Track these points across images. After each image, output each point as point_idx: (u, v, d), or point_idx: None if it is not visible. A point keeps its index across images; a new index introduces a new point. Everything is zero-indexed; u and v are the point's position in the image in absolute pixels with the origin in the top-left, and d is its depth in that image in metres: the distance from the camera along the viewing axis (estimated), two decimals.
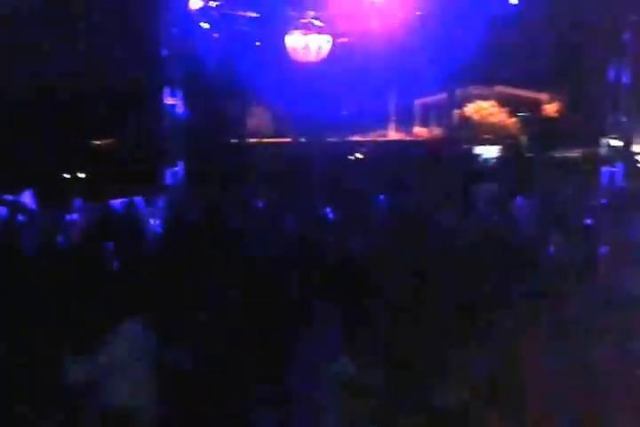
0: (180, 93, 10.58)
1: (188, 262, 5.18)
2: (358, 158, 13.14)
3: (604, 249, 6.56)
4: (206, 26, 11.52)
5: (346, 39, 12.08)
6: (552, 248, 6.71)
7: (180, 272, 4.86)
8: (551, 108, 13.06)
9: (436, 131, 13.72)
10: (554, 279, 5.22)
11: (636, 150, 11.16)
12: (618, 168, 10.42)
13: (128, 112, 11.35)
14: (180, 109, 10.68)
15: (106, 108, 11.08)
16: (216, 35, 11.69)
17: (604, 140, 10.87)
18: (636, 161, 10.92)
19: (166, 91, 10.48)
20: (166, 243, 7.24)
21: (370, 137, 14.12)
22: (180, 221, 8.01)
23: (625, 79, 10.24)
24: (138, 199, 8.83)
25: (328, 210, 8.50)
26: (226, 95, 12.22)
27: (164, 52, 10.22)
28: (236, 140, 12.70)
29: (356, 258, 6.12)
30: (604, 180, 10.44)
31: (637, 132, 11.15)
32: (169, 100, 10.71)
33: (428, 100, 14.14)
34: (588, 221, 8.09)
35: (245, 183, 10.55)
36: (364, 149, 13.37)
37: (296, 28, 11.29)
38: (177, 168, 10.77)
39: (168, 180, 10.69)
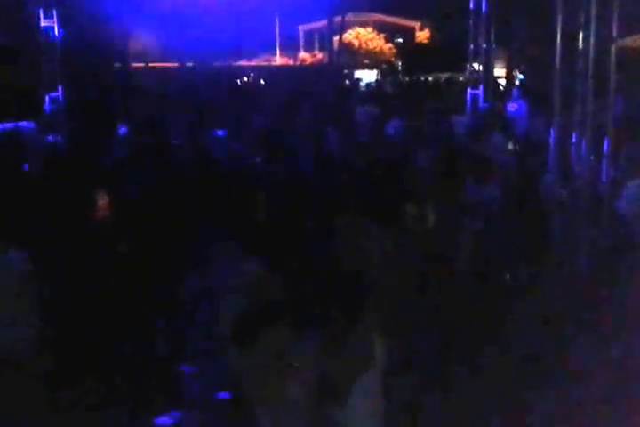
0: (55, 14, 10.21)
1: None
2: (246, 83, 13.40)
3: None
4: None
5: None
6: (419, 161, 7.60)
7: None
8: (423, 35, 13.86)
9: (320, 56, 14.17)
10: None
11: (496, 74, 12.25)
12: (479, 90, 11.51)
13: None
14: (56, 31, 10.32)
15: None
16: None
17: (467, 65, 11.86)
18: (497, 84, 12.01)
19: (40, 11, 10.07)
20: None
21: (256, 62, 14.32)
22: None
23: (475, 7, 10.96)
24: (23, 124, 8.73)
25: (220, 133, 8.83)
26: (106, 17, 11.88)
27: None
28: (119, 64, 12.50)
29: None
30: (468, 100, 11.52)
31: (497, 58, 12.22)
32: (44, 22, 10.31)
33: (312, 26, 14.47)
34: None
35: (132, 109, 10.55)
36: (252, 74, 13.60)
37: None
38: (57, 93, 10.55)
39: (47, 106, 10.48)
